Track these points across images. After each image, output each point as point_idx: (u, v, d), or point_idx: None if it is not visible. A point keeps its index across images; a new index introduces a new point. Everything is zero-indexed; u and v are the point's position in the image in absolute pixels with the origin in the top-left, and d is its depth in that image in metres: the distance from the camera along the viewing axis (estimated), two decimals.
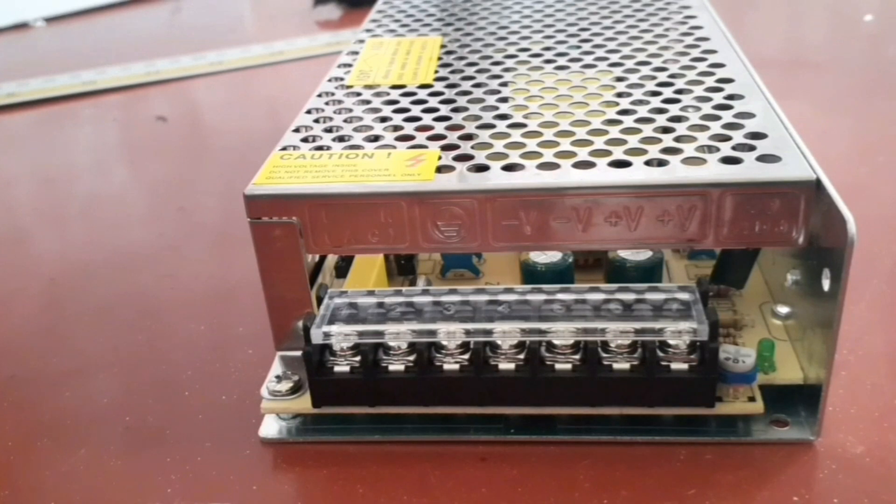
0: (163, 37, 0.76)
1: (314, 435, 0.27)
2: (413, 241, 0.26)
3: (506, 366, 0.25)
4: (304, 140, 0.29)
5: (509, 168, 0.26)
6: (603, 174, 0.25)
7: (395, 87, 0.33)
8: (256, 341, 0.32)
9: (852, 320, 0.31)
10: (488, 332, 0.25)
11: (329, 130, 0.29)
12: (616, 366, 0.25)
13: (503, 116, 0.29)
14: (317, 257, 0.29)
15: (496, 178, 0.25)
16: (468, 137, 0.28)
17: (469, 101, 0.31)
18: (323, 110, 0.31)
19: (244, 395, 0.29)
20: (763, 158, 0.25)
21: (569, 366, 0.25)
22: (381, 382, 0.26)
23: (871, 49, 0.62)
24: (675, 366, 0.25)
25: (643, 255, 0.29)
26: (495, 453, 0.26)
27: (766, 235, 0.25)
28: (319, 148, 0.28)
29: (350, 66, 0.35)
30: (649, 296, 0.25)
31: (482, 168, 0.26)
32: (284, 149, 0.28)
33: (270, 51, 0.68)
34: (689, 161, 0.25)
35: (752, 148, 0.25)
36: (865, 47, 0.62)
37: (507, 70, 0.33)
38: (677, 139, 0.27)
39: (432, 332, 0.25)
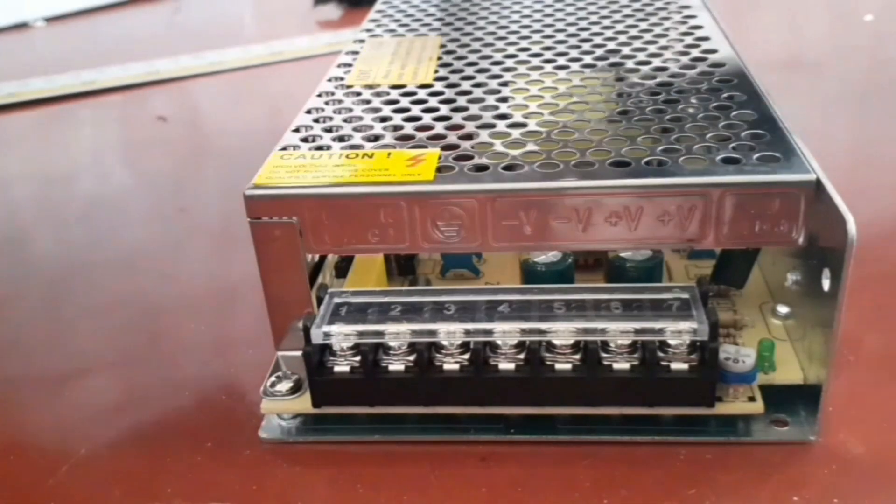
0: (163, 37, 0.76)
1: (314, 435, 0.27)
2: (413, 241, 0.26)
3: (506, 366, 0.25)
4: (304, 140, 0.29)
5: (509, 168, 0.26)
6: (603, 174, 0.25)
7: (395, 86, 0.33)
8: (256, 341, 0.32)
9: (852, 320, 0.31)
10: (488, 332, 0.25)
11: (329, 130, 0.29)
12: (616, 366, 0.25)
13: (503, 116, 0.29)
14: (317, 257, 0.29)
15: (496, 178, 0.25)
16: (468, 137, 0.28)
17: (469, 101, 0.31)
18: (323, 110, 0.31)
19: (244, 395, 0.29)
20: (763, 158, 0.25)
21: (569, 366, 0.25)
22: (381, 382, 0.26)
23: (871, 49, 0.62)
24: (675, 366, 0.25)
25: (643, 255, 0.29)
26: (495, 453, 0.26)
27: (766, 235, 0.25)
28: (319, 148, 0.28)
29: (350, 65, 0.35)
30: (649, 296, 0.25)
31: (482, 168, 0.26)
32: (284, 149, 0.28)
33: (270, 51, 0.68)
34: (689, 161, 0.25)
35: (752, 148, 0.25)
36: (865, 47, 0.62)
37: (507, 70, 0.33)
38: (677, 139, 0.27)
39: (432, 332, 0.25)
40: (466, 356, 0.25)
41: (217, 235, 0.42)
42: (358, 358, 0.26)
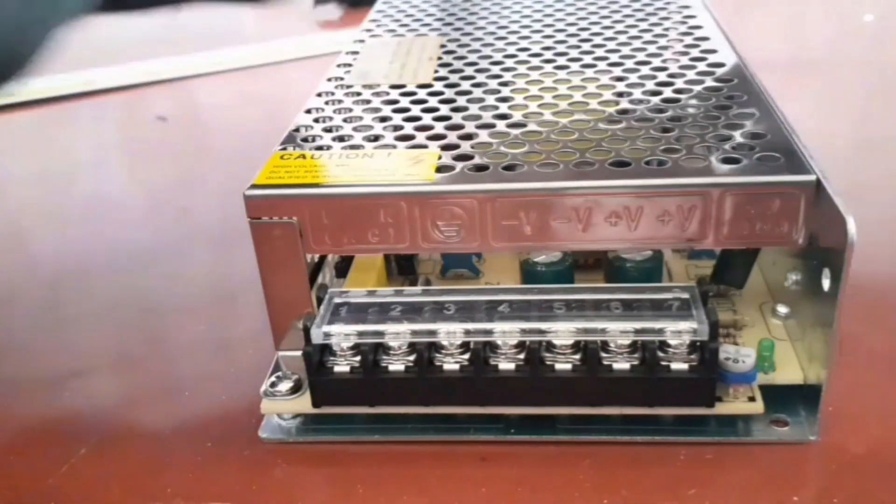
0: (163, 37, 0.76)
1: (314, 435, 0.27)
2: (413, 241, 0.26)
3: (506, 366, 0.25)
4: (304, 140, 0.29)
5: (509, 168, 0.26)
6: (603, 174, 0.25)
7: (395, 86, 0.33)
8: (256, 341, 0.32)
9: (852, 320, 0.31)
10: (488, 332, 0.25)
11: (329, 130, 0.29)
12: (616, 366, 0.25)
13: (503, 116, 0.29)
14: (317, 257, 0.29)
15: (496, 178, 0.25)
16: (468, 137, 0.28)
17: (469, 101, 0.31)
18: (323, 110, 0.31)
19: (244, 395, 0.29)
20: (763, 158, 0.25)
21: (569, 366, 0.25)
22: (381, 382, 0.26)
23: (871, 49, 0.62)
24: (675, 366, 0.25)
25: (643, 255, 0.29)
26: (495, 453, 0.26)
27: (766, 235, 0.25)
28: (319, 148, 0.28)
29: (350, 65, 0.35)
30: (649, 296, 0.25)
31: (482, 168, 0.26)
32: (284, 149, 0.28)
33: (270, 51, 0.68)
34: (689, 161, 0.25)
35: (751, 148, 0.26)
36: (865, 47, 0.62)
37: (507, 70, 0.33)
38: (677, 139, 0.27)
39: (432, 332, 0.25)
40: (466, 356, 0.25)
41: (217, 235, 0.42)
42: (358, 358, 0.26)
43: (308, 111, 0.31)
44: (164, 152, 0.53)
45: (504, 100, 0.31)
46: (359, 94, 0.32)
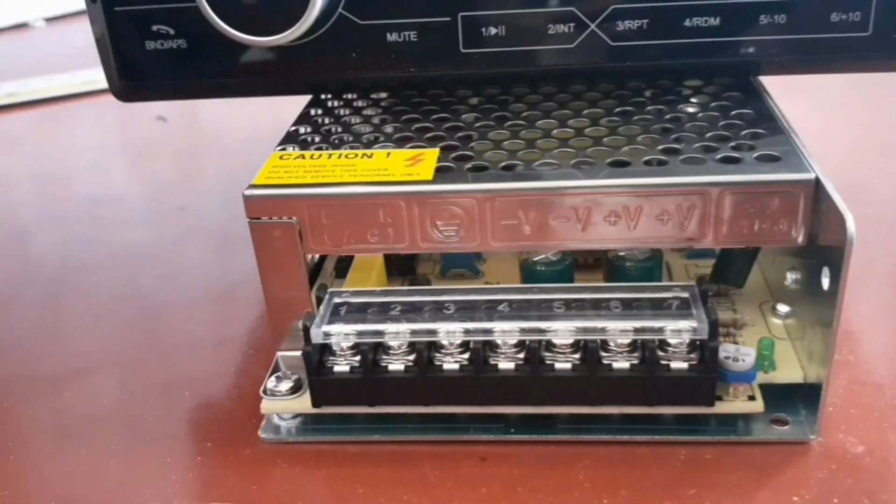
0: None
1: (314, 435, 0.27)
2: (412, 240, 0.26)
3: (505, 365, 0.25)
4: (304, 140, 0.29)
5: (509, 168, 0.26)
6: (602, 173, 0.25)
7: None
8: (256, 341, 0.32)
9: (852, 319, 0.31)
10: (488, 332, 0.25)
11: (329, 130, 0.29)
12: (616, 365, 0.25)
13: (503, 117, 0.29)
14: (317, 257, 0.29)
15: (495, 178, 0.25)
16: (468, 137, 0.28)
17: (468, 102, 0.31)
18: (323, 110, 0.31)
19: (244, 395, 0.29)
20: (762, 158, 0.25)
21: (568, 365, 0.25)
22: (380, 382, 0.26)
23: None
24: (674, 365, 0.25)
25: (643, 254, 0.29)
26: (495, 453, 0.26)
27: (766, 234, 0.25)
28: (319, 148, 0.28)
29: None
30: (649, 295, 0.25)
31: (481, 168, 0.26)
32: (284, 149, 0.28)
33: None
34: (688, 161, 0.25)
35: (751, 147, 0.25)
36: None
37: None
38: (677, 139, 0.27)
39: (432, 332, 0.25)
40: (466, 356, 0.25)
41: (217, 235, 0.42)
42: (358, 358, 0.26)
43: (308, 111, 0.31)
44: (164, 152, 0.53)
45: (503, 100, 0.31)
46: (358, 94, 0.32)
